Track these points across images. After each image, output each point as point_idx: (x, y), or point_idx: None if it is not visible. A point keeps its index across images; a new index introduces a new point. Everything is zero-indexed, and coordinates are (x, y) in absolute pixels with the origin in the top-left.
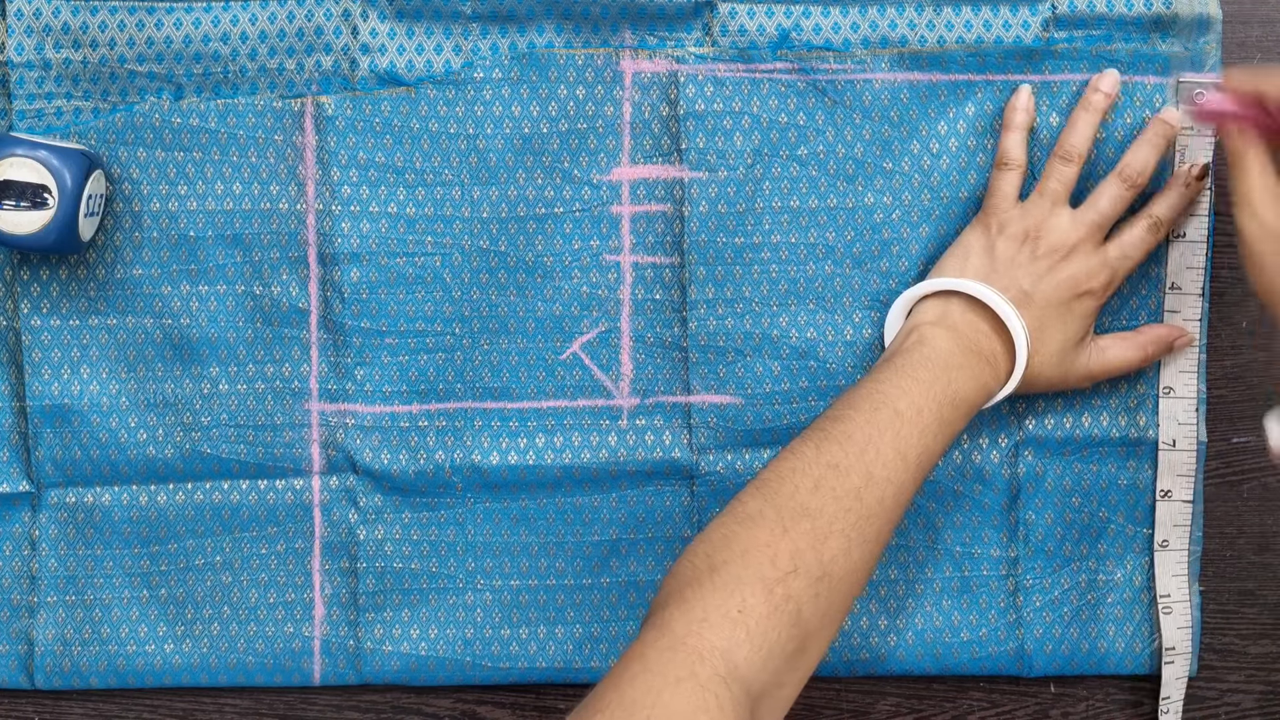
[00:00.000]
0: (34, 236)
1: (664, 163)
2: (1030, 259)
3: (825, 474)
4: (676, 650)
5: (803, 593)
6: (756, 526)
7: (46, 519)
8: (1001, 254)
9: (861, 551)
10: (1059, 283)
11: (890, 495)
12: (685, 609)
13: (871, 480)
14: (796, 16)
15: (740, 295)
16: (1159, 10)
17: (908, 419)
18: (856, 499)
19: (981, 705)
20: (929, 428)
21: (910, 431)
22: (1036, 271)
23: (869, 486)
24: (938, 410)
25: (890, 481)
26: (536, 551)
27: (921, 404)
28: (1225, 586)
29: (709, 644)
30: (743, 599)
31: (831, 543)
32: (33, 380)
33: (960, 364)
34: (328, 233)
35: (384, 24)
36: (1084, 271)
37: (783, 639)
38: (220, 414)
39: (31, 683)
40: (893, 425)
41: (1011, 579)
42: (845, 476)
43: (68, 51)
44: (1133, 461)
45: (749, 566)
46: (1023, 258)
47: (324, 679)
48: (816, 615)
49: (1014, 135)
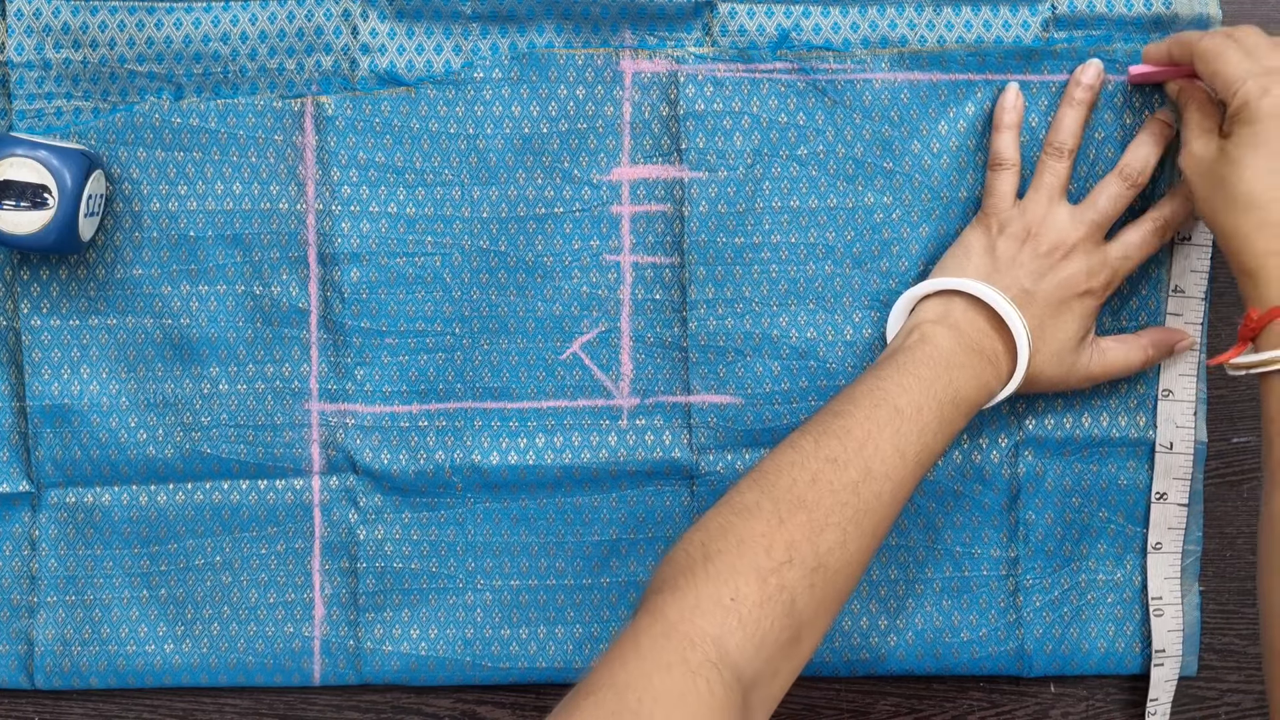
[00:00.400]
0: (34, 236)
1: (664, 163)
2: (1031, 257)
3: (823, 468)
4: (669, 636)
5: (797, 583)
6: (753, 517)
7: (46, 519)
8: (1002, 253)
9: (858, 545)
10: (1060, 281)
11: (888, 491)
12: (678, 596)
13: (869, 475)
14: (796, 16)
15: (740, 295)
16: (1159, 10)
17: (907, 416)
18: (854, 493)
19: (981, 705)
20: (929, 426)
21: (910, 429)
22: (1037, 270)
23: (866, 481)
24: (938, 409)
25: (888, 478)
26: (536, 551)
27: (921, 402)
28: (1225, 586)
29: (700, 630)
30: (736, 587)
31: (828, 535)
32: (33, 380)
33: (962, 363)
34: (328, 233)
35: (384, 24)
36: (1085, 270)
37: (776, 628)
38: (220, 414)
39: (31, 683)
40: (892, 422)
41: (1011, 579)
42: (843, 470)
43: (68, 51)
44: (1133, 462)
45: (744, 556)
46: (1024, 256)
47: (324, 679)
48: (811, 606)
49: (1005, 135)
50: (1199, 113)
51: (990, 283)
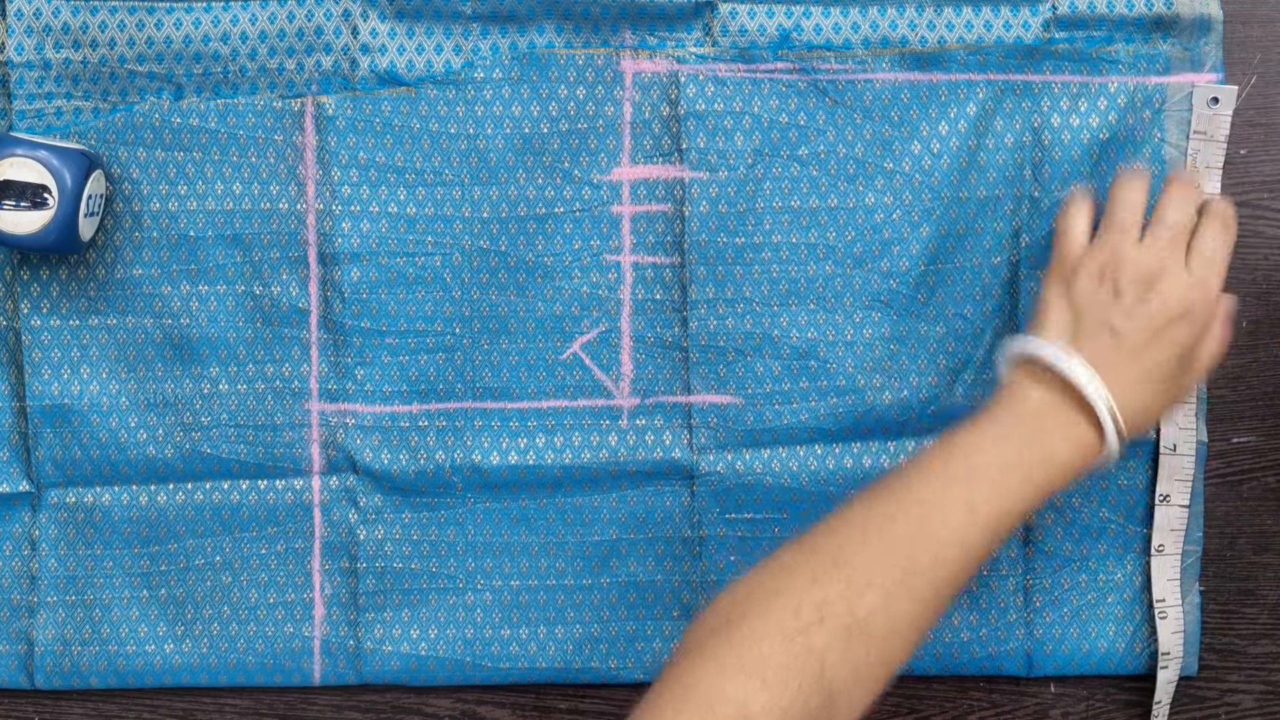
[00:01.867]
0: (34, 236)
1: (664, 163)
2: (1112, 296)
3: (879, 525)
4: (688, 699)
5: (827, 645)
6: (787, 577)
7: (46, 519)
8: (1085, 296)
9: (908, 609)
10: (1151, 314)
11: (952, 555)
12: (704, 658)
13: (927, 535)
14: (797, 17)
15: (740, 295)
16: (1159, 10)
17: (984, 475)
18: (907, 555)
19: (981, 705)
20: (1011, 487)
21: (986, 488)
22: (1124, 309)
23: (923, 541)
24: (1024, 470)
25: (953, 542)
26: (536, 551)
27: (1006, 461)
28: (1225, 586)
29: (723, 693)
30: (760, 650)
31: (869, 596)
32: (33, 380)
33: (1056, 423)
34: (328, 233)
35: (384, 24)
36: (1175, 295)
37: (805, 690)
38: (220, 414)
39: (31, 683)
40: (965, 481)
41: (1012, 579)
42: (897, 529)
43: (68, 51)
44: (1133, 462)
45: (769, 618)
46: (1103, 296)
47: (324, 679)
48: (846, 670)
49: None
50: None
51: (1075, 333)
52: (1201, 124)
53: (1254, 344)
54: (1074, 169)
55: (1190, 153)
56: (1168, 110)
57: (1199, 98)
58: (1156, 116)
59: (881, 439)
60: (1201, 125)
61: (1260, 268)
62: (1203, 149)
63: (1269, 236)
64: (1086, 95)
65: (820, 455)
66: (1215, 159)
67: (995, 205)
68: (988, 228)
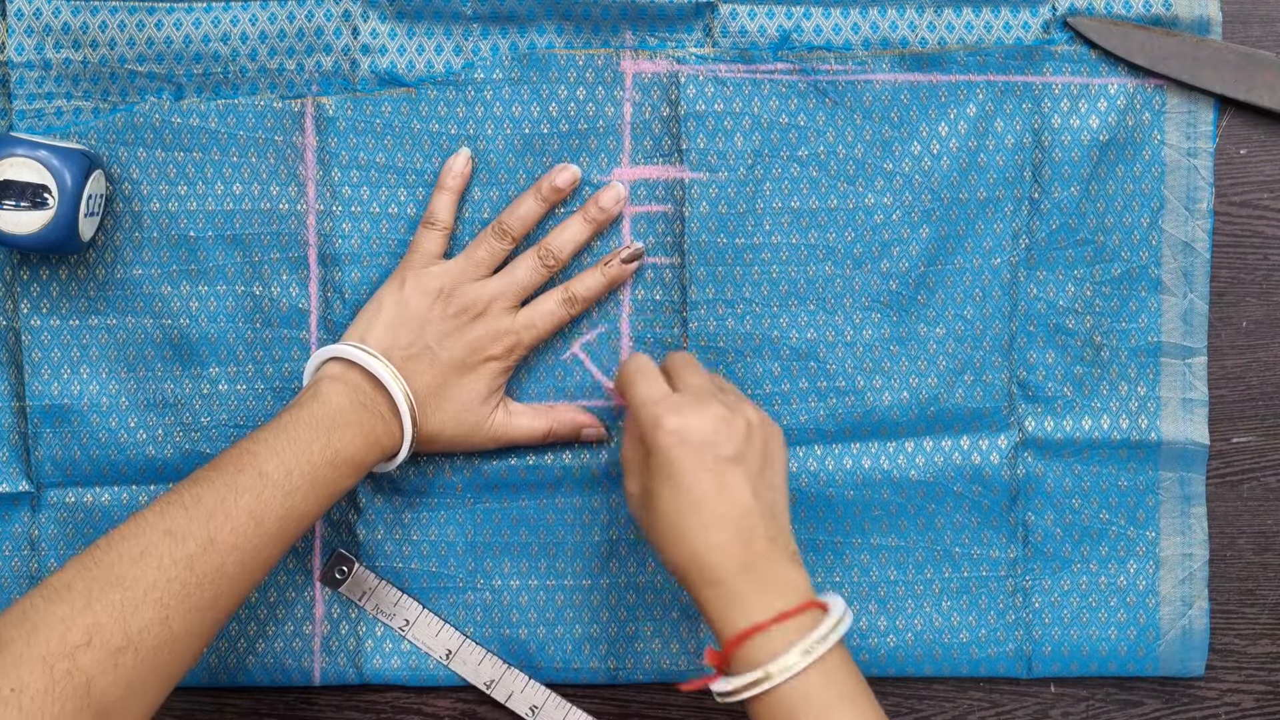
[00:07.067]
0: (34, 236)
1: (664, 163)
2: (441, 317)
3: (157, 540)
4: None
5: (95, 666)
6: (59, 601)
7: (46, 519)
8: (414, 309)
9: (186, 621)
10: (465, 343)
11: (233, 561)
12: None
13: (212, 547)
14: (797, 17)
15: (740, 295)
16: (1159, 11)
17: (273, 481)
18: (188, 567)
19: (981, 705)
20: (298, 489)
21: (273, 495)
22: (445, 330)
23: (207, 554)
24: (311, 471)
25: (237, 548)
26: (536, 551)
27: (293, 465)
28: (1225, 586)
29: None
30: (20, 677)
31: (144, 612)
32: (33, 380)
33: (348, 422)
34: (328, 233)
35: (384, 24)
36: (489, 335)
37: (68, 712)
38: (220, 414)
39: None
40: (253, 488)
41: (1011, 580)
42: (180, 543)
43: (68, 51)
44: (1133, 464)
45: (34, 645)
46: (434, 314)
47: (324, 679)
48: (118, 687)
49: (444, 197)
50: (629, 447)
51: (395, 338)
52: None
53: (1254, 344)
54: (1074, 170)
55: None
56: (1168, 112)
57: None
58: (1156, 118)
59: (881, 439)
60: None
61: (1260, 268)
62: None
63: (1269, 236)
64: (1086, 96)
65: (820, 455)
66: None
67: (995, 206)
68: (988, 228)
